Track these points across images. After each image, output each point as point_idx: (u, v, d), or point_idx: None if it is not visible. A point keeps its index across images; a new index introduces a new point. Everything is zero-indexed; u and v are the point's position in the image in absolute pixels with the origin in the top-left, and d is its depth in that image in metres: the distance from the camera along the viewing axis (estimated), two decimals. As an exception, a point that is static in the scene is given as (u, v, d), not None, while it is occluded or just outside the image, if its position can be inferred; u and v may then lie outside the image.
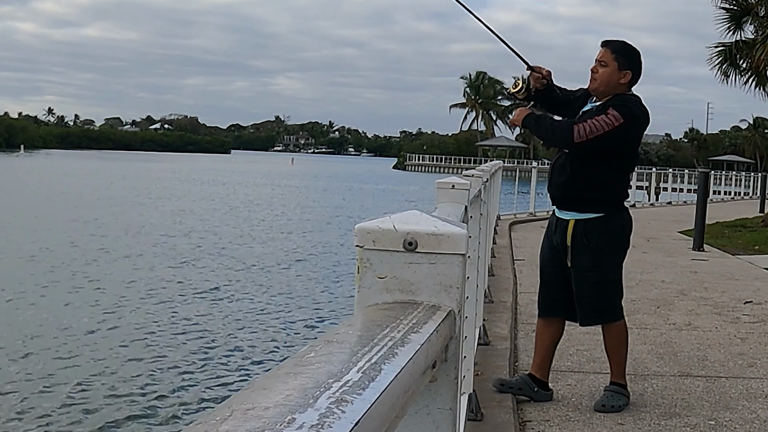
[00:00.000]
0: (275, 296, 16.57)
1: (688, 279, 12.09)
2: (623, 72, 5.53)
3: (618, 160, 5.58)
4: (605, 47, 5.58)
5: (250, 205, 42.05)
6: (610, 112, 5.38)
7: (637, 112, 5.52)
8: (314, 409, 0.88)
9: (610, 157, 5.52)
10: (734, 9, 25.60)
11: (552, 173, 5.75)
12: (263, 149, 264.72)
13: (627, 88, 5.58)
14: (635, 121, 5.50)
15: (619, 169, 5.64)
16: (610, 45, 5.60)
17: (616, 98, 5.49)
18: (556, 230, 5.73)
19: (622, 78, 5.53)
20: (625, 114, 5.41)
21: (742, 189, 54.86)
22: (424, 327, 1.35)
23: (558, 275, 5.76)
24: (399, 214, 1.55)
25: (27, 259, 19.80)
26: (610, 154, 5.50)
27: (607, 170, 5.55)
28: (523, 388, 5.81)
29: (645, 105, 5.61)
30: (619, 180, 5.66)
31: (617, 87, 5.52)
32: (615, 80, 5.51)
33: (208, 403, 9.74)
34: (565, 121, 5.56)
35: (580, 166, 5.53)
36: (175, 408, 9.71)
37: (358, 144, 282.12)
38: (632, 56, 5.61)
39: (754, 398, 6.08)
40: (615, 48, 5.58)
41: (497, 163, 13.16)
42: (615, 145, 5.46)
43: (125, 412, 9.52)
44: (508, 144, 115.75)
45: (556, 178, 5.68)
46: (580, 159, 5.52)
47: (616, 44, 5.62)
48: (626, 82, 5.56)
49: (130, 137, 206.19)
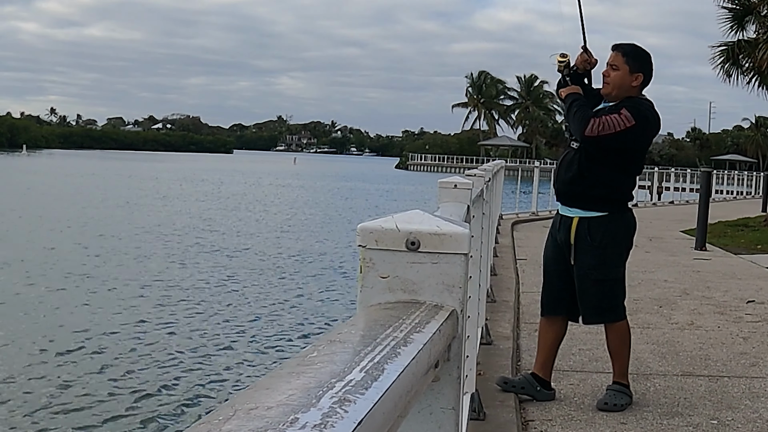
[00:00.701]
0: (277, 296, 16.57)
1: (690, 278, 12.08)
2: (635, 75, 5.56)
3: (625, 162, 5.61)
4: (616, 51, 5.61)
5: (251, 204, 42.04)
6: (623, 113, 5.42)
7: (649, 116, 5.55)
8: (317, 408, 0.88)
9: (618, 158, 5.55)
10: (736, 8, 25.60)
11: (559, 169, 5.78)
12: (266, 149, 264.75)
13: (639, 91, 5.62)
14: (646, 125, 5.53)
15: (626, 170, 5.67)
16: (621, 48, 5.62)
17: (630, 101, 5.52)
18: (560, 228, 5.75)
19: (633, 81, 5.56)
20: (637, 116, 5.44)
21: (744, 188, 54.84)
22: (427, 326, 1.35)
23: (561, 274, 5.77)
24: (401, 213, 1.55)
25: (33, 259, 19.81)
26: (617, 154, 5.53)
27: (613, 170, 5.58)
28: (526, 387, 5.81)
29: (657, 110, 5.64)
30: (624, 181, 5.68)
31: (629, 90, 5.56)
32: (627, 83, 5.54)
33: (211, 402, 9.75)
34: (588, 112, 5.56)
35: (587, 163, 5.56)
36: (178, 408, 9.71)
37: (361, 144, 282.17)
38: (643, 59, 5.64)
39: (756, 397, 6.08)
40: (626, 51, 5.60)
41: (499, 163, 13.15)
42: (623, 146, 5.48)
43: (127, 411, 9.52)
44: (510, 143, 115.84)
45: (563, 174, 5.71)
46: (588, 156, 5.55)
47: (627, 47, 5.64)
48: (638, 85, 5.59)
49: (132, 137, 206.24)
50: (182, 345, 12.32)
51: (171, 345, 12.31)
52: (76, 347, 11.94)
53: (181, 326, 13.49)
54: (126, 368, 11.10)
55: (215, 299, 15.95)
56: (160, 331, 13.09)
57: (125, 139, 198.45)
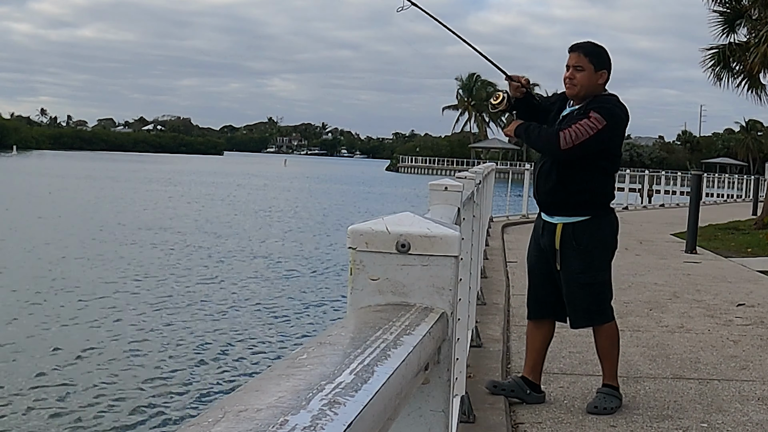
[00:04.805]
0: (267, 299, 16.55)
1: (680, 281, 12.10)
2: (600, 72, 5.55)
3: (603, 162, 5.60)
4: (577, 51, 5.57)
5: (241, 206, 42.01)
6: (592, 116, 5.40)
7: (618, 112, 5.55)
8: (307, 411, 0.88)
9: (595, 160, 5.53)
10: (727, 12, 25.67)
11: (538, 179, 5.75)
12: (256, 150, 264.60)
13: (604, 88, 5.61)
14: (617, 122, 5.54)
15: (604, 171, 5.66)
16: (581, 48, 5.59)
17: (595, 100, 5.51)
18: (544, 233, 5.74)
19: (599, 79, 5.56)
20: (607, 115, 5.43)
21: (734, 191, 55.06)
22: (417, 329, 1.35)
23: (546, 278, 5.77)
24: (392, 215, 1.55)
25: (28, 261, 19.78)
26: (594, 157, 5.51)
27: (592, 173, 5.56)
28: (516, 390, 5.81)
29: (623, 103, 5.64)
30: (604, 182, 5.66)
31: (596, 88, 5.56)
32: (594, 82, 5.53)
33: (200, 404, 9.73)
34: (551, 129, 5.55)
35: (565, 170, 5.55)
36: (168, 410, 9.69)
37: (351, 146, 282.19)
38: (604, 55, 5.64)
39: (746, 401, 6.09)
40: (587, 50, 5.58)
41: (490, 165, 13.15)
42: (600, 147, 5.47)
43: (117, 414, 9.50)
44: (500, 146, 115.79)
45: (543, 185, 5.69)
46: (565, 164, 5.53)
47: (587, 47, 5.62)
48: (603, 82, 5.59)
49: (122, 138, 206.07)
50: (170, 348, 12.29)
51: (156, 348, 12.28)
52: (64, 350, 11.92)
53: (167, 331, 13.46)
54: (115, 371, 11.08)
55: (205, 302, 15.93)
56: (146, 334, 13.07)
57: (116, 141, 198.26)
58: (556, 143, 5.40)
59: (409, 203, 44.73)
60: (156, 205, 39.32)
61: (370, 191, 65.13)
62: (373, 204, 48.48)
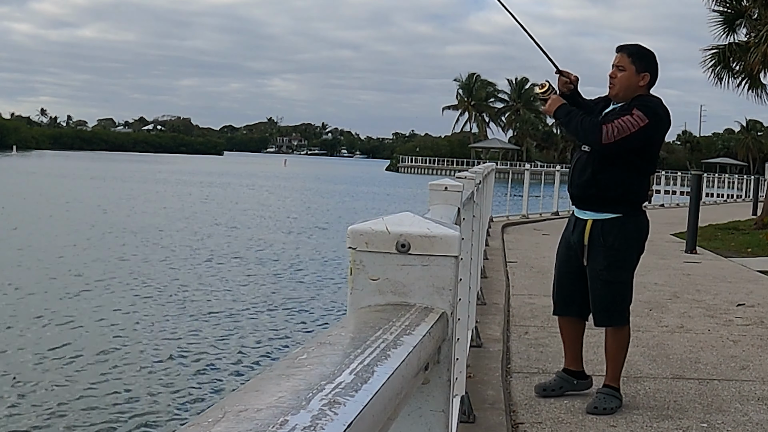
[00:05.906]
0: (267, 299, 16.55)
1: (680, 281, 12.10)
2: (641, 75, 5.56)
3: (639, 161, 5.59)
4: (621, 52, 5.60)
5: (240, 206, 41.98)
6: (635, 113, 5.41)
7: (661, 113, 5.55)
8: (307, 411, 0.88)
9: (632, 158, 5.54)
10: (727, 12, 25.66)
11: (573, 172, 5.78)
12: (256, 151, 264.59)
13: (646, 91, 5.61)
14: (659, 122, 5.54)
15: (639, 169, 5.65)
16: (626, 49, 5.62)
17: (639, 99, 5.52)
18: (574, 230, 5.78)
19: (640, 81, 5.56)
20: (650, 114, 5.44)
21: (734, 191, 54.98)
22: (417, 329, 1.35)
23: (572, 275, 5.82)
24: (392, 215, 1.55)
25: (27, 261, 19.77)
26: (631, 154, 5.52)
27: (627, 171, 5.57)
28: (564, 386, 5.93)
29: (666, 106, 5.64)
30: (638, 181, 5.66)
31: (637, 90, 5.55)
32: (634, 84, 5.54)
33: (200, 404, 9.73)
34: (594, 119, 5.55)
35: (601, 165, 5.56)
36: (168, 410, 9.69)
37: (351, 146, 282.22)
38: (648, 58, 5.64)
39: (746, 401, 6.09)
40: (631, 51, 5.60)
41: (490, 165, 13.14)
42: (640, 145, 5.48)
43: (116, 413, 9.50)
44: (500, 146, 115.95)
45: (577, 178, 5.71)
46: (602, 159, 5.55)
47: (632, 48, 5.64)
48: (645, 85, 5.59)
49: (122, 138, 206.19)
50: (170, 348, 12.29)
51: (157, 347, 12.28)
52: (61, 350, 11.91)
53: (168, 330, 13.46)
54: (114, 370, 11.08)
55: (204, 302, 15.93)
56: (146, 334, 13.07)
57: (115, 141, 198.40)
58: (598, 135, 5.41)
59: (408, 203, 44.70)
60: (156, 205, 39.29)
61: (370, 191, 65.09)
62: (372, 204, 48.46)
